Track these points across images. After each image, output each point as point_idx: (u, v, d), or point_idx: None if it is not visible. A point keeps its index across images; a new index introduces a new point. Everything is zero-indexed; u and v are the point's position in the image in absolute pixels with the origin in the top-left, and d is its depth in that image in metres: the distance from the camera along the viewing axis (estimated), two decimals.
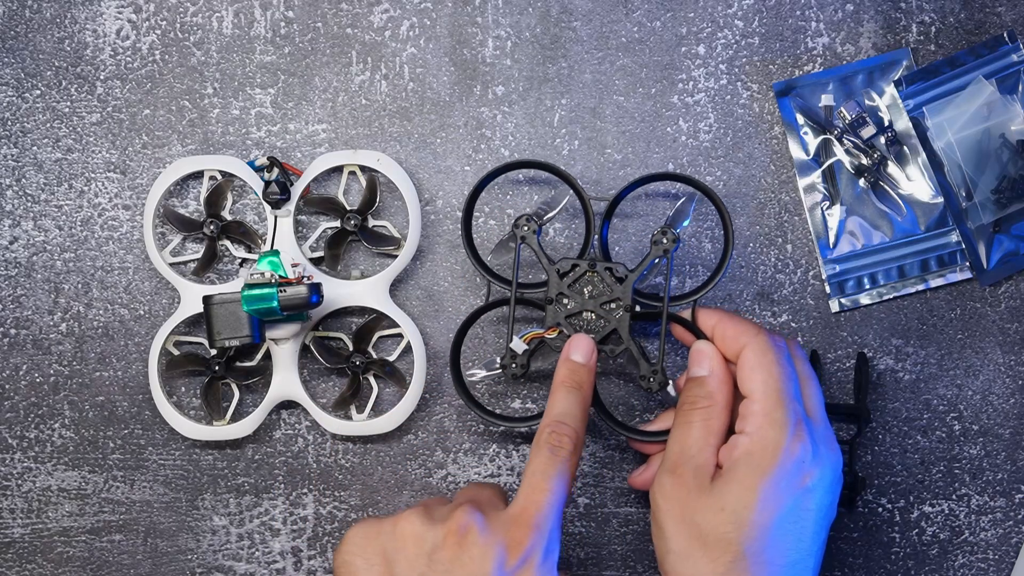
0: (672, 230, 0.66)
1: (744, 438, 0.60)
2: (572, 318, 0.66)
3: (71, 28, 0.73)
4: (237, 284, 0.70)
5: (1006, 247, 0.72)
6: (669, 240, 0.66)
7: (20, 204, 0.73)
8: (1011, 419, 0.72)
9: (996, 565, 0.73)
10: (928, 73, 0.72)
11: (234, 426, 0.71)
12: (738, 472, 0.60)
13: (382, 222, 0.72)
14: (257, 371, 0.72)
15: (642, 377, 0.66)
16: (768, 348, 0.62)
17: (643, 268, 0.66)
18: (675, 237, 0.66)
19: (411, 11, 0.72)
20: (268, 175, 0.70)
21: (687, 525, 0.60)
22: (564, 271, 0.66)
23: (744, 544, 0.58)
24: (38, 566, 0.73)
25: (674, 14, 0.73)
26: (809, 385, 0.63)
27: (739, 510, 0.59)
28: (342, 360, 0.71)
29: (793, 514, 0.59)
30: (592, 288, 0.66)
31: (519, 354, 0.67)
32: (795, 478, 0.60)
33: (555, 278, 0.66)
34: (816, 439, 0.61)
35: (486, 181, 0.68)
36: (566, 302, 0.66)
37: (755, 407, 0.61)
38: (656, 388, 0.66)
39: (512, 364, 0.67)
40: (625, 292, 0.66)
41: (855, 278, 0.72)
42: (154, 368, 0.71)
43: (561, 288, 0.66)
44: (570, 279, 0.66)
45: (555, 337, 0.66)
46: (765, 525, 0.59)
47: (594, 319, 0.66)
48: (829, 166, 0.72)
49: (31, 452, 0.73)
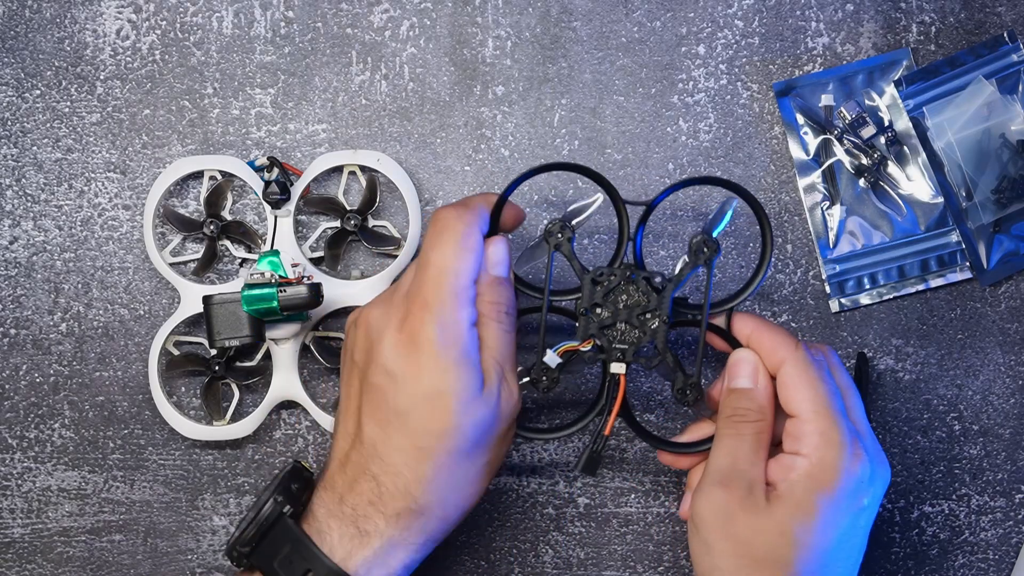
0: (712, 238, 0.63)
1: (802, 460, 0.59)
2: (606, 329, 0.63)
3: (71, 28, 0.73)
4: (237, 284, 0.70)
5: (1006, 247, 0.72)
6: (711, 249, 0.63)
7: (20, 204, 0.73)
8: (1011, 419, 0.72)
9: (996, 565, 0.73)
10: (928, 73, 0.72)
11: (234, 426, 0.71)
12: (797, 493, 0.58)
13: (382, 222, 0.72)
14: (257, 371, 0.72)
15: (679, 390, 0.63)
16: (809, 364, 0.61)
17: (683, 278, 0.63)
18: (716, 246, 0.63)
19: (411, 11, 0.72)
20: (268, 175, 0.70)
21: (738, 543, 0.58)
22: (598, 280, 0.63)
23: (800, 566, 0.57)
24: (38, 566, 0.73)
25: (674, 14, 0.73)
26: (851, 396, 0.62)
27: (799, 533, 0.57)
28: None
29: (850, 533, 0.59)
30: (627, 298, 0.63)
31: (552, 368, 0.63)
32: (854, 499, 0.59)
33: (589, 287, 0.63)
34: (871, 456, 0.60)
35: (517, 183, 0.63)
36: (600, 312, 0.63)
37: (808, 427, 0.59)
38: (692, 401, 0.63)
39: (543, 378, 0.63)
40: (663, 303, 0.62)
41: (855, 278, 0.72)
42: (154, 368, 0.71)
43: (596, 298, 0.63)
44: (604, 289, 0.63)
45: (589, 349, 0.63)
46: (824, 547, 0.58)
47: (628, 330, 0.63)
48: (829, 166, 0.72)
49: (31, 452, 0.73)
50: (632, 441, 0.73)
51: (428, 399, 0.58)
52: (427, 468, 0.58)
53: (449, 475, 0.59)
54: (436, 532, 0.60)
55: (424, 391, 0.58)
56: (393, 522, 0.59)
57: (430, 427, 0.58)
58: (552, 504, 0.73)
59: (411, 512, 0.59)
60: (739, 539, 0.58)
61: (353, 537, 0.59)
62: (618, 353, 0.63)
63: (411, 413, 0.58)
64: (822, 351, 0.63)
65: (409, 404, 0.58)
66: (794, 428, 0.60)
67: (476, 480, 0.60)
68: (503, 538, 0.73)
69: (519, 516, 0.73)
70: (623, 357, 0.63)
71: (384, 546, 0.59)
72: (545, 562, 0.73)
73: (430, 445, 0.58)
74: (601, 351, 0.63)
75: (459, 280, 0.59)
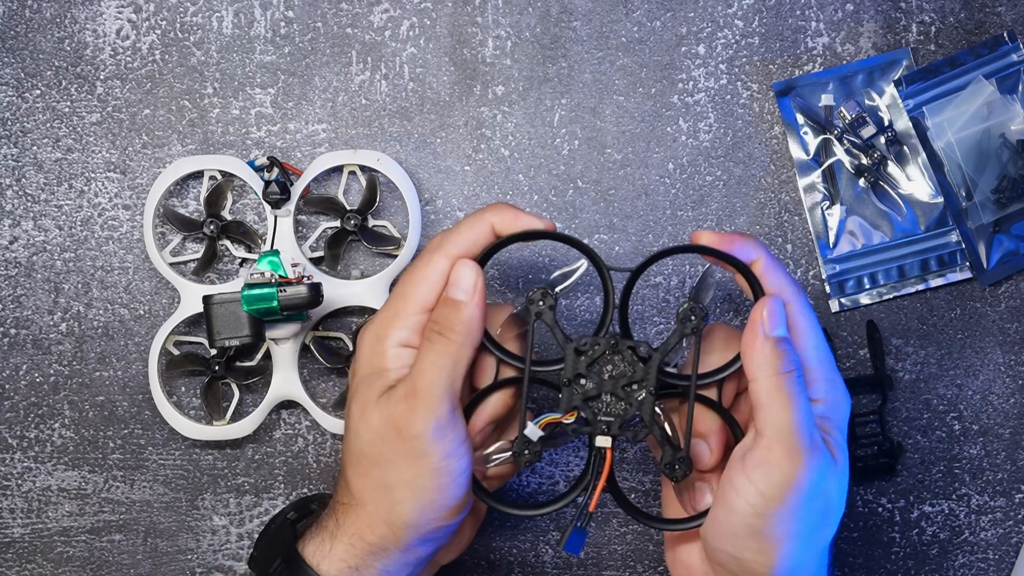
0: (700, 306, 0.59)
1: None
2: (590, 401, 0.59)
3: (71, 28, 0.73)
4: (237, 284, 0.70)
5: (1006, 247, 0.72)
6: (698, 318, 0.59)
7: (20, 204, 0.73)
8: (1011, 419, 0.72)
9: (996, 565, 0.73)
10: (928, 73, 0.72)
11: (234, 426, 0.71)
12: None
13: (382, 222, 0.72)
14: (257, 371, 0.72)
15: (667, 465, 0.60)
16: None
17: (669, 348, 0.59)
18: (704, 313, 0.59)
19: (411, 11, 0.73)
20: (268, 175, 0.70)
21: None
22: (582, 350, 0.59)
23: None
24: (38, 566, 0.73)
25: (674, 14, 0.73)
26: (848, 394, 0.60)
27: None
28: (342, 360, 0.71)
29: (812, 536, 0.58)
30: (612, 368, 0.59)
31: (533, 441, 0.60)
32: (815, 504, 0.57)
33: (572, 357, 0.59)
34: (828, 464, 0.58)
35: (490, 253, 0.60)
36: (584, 383, 0.59)
37: (769, 451, 0.57)
38: (681, 476, 0.60)
39: (525, 452, 0.60)
40: (649, 374, 0.59)
41: (855, 278, 0.72)
42: (154, 368, 0.71)
43: (579, 368, 0.59)
44: (589, 358, 0.59)
45: (573, 422, 0.60)
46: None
47: (614, 401, 0.59)
48: (829, 166, 0.72)
49: (31, 452, 0.73)
50: (632, 441, 0.72)
51: (360, 392, 0.60)
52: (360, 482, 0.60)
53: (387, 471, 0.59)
54: (411, 556, 0.60)
55: (356, 380, 0.60)
56: (373, 551, 0.60)
57: (360, 410, 0.59)
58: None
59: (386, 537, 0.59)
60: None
61: (344, 565, 0.60)
62: (603, 426, 0.60)
63: (354, 397, 0.60)
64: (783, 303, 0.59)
65: (353, 391, 0.60)
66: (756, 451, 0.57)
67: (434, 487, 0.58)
68: (503, 538, 0.73)
69: (519, 516, 0.73)
70: (608, 430, 0.60)
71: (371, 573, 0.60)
72: (545, 562, 0.73)
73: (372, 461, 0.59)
74: (586, 423, 0.60)
75: (404, 304, 0.59)
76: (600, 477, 0.60)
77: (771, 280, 0.59)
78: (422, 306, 0.59)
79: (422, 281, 0.59)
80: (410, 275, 0.60)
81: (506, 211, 0.60)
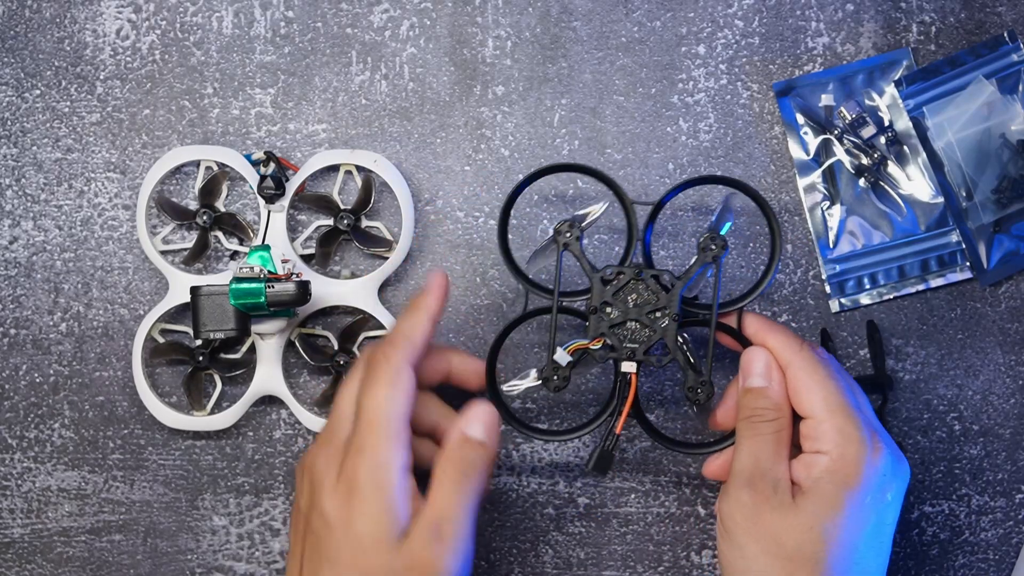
0: (720, 235, 0.63)
1: (823, 457, 0.59)
2: (616, 328, 0.63)
3: (71, 28, 0.73)
4: (226, 277, 0.70)
5: (1006, 247, 0.72)
6: (719, 246, 0.63)
7: (20, 204, 0.73)
8: (1011, 419, 0.72)
9: (996, 565, 0.73)
10: (928, 73, 0.72)
11: (214, 417, 0.71)
12: (822, 490, 0.58)
13: (375, 223, 0.72)
14: (241, 364, 0.72)
15: (690, 389, 0.63)
16: (816, 362, 0.61)
17: (691, 275, 0.63)
18: (724, 243, 0.63)
19: (411, 11, 0.72)
20: (264, 169, 0.70)
21: (769, 542, 0.58)
22: (608, 279, 0.63)
23: (833, 563, 0.58)
24: (38, 566, 0.73)
25: (674, 14, 0.73)
26: (859, 394, 0.62)
27: (828, 529, 0.58)
28: (327, 358, 0.71)
29: (877, 529, 0.59)
30: (637, 296, 0.63)
31: (562, 366, 0.63)
32: (879, 493, 0.59)
33: (599, 287, 0.63)
34: (891, 451, 0.60)
35: (523, 186, 0.64)
36: (610, 311, 0.63)
37: (824, 425, 0.59)
38: (704, 400, 0.63)
39: (554, 377, 0.63)
40: (672, 301, 0.63)
41: (855, 278, 0.72)
42: (138, 355, 0.71)
43: (605, 297, 0.63)
44: (614, 287, 0.63)
45: (599, 348, 0.63)
46: (854, 543, 0.58)
47: (638, 328, 0.63)
48: (829, 166, 0.72)
49: (31, 452, 0.73)
50: (632, 441, 0.73)
51: (352, 543, 0.57)
52: None
53: None
54: None
55: (351, 535, 0.57)
56: None
57: (351, 572, 0.57)
58: (552, 504, 0.73)
59: None
60: (770, 538, 0.59)
61: None
62: (628, 352, 0.63)
63: (340, 558, 0.57)
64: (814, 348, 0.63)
65: (338, 549, 0.57)
66: (810, 428, 0.60)
67: None
68: (503, 538, 0.73)
69: (519, 516, 0.73)
70: (634, 356, 0.63)
71: None
72: (545, 562, 0.73)
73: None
74: (612, 350, 0.63)
75: (391, 424, 0.58)
76: (626, 402, 0.63)
77: (765, 337, 0.63)
78: (405, 424, 0.59)
79: (396, 397, 0.59)
80: (377, 394, 0.59)
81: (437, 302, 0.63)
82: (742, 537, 0.59)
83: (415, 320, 0.62)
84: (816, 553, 0.58)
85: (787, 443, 0.61)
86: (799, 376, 0.61)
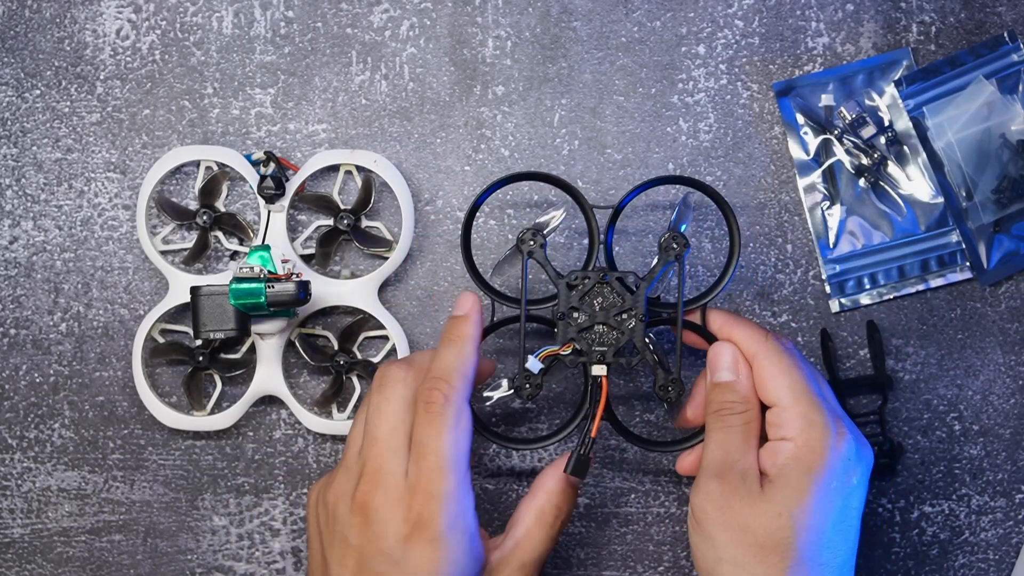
0: (680, 234, 0.64)
1: (788, 444, 0.60)
2: (584, 332, 0.64)
3: (71, 28, 0.73)
4: (226, 277, 0.70)
5: (1006, 247, 0.72)
6: (680, 245, 0.64)
7: (20, 204, 0.73)
8: (1011, 419, 0.72)
9: (996, 565, 0.73)
10: (928, 73, 0.72)
11: (214, 417, 0.71)
12: (788, 477, 0.59)
13: (375, 223, 0.72)
14: (241, 364, 0.72)
15: (660, 387, 0.64)
16: (781, 352, 0.62)
17: (655, 276, 0.64)
18: (685, 241, 0.64)
19: (411, 11, 0.72)
20: (264, 169, 0.70)
21: (739, 531, 0.59)
22: (573, 284, 0.64)
23: (802, 548, 0.58)
24: (38, 566, 0.73)
25: (674, 14, 0.73)
26: (823, 383, 0.64)
27: (796, 515, 0.58)
28: (327, 358, 0.71)
29: (843, 512, 0.60)
30: (603, 300, 0.64)
31: (534, 374, 0.64)
32: (844, 477, 0.60)
33: (564, 292, 0.64)
34: (854, 436, 0.61)
35: (482, 198, 0.66)
36: (577, 316, 0.64)
37: (789, 413, 0.60)
38: (674, 397, 0.64)
39: (527, 385, 0.64)
40: (637, 302, 0.64)
41: (855, 278, 0.72)
42: (138, 355, 0.71)
43: (572, 302, 0.64)
44: (580, 292, 0.64)
45: (569, 353, 0.64)
46: (822, 527, 0.59)
47: (606, 331, 0.64)
48: (829, 166, 0.72)
49: (31, 452, 0.73)
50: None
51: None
52: None
53: None
54: None
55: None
56: None
57: None
58: None
59: None
60: (740, 527, 0.59)
61: None
62: (598, 355, 0.64)
63: None
64: (779, 339, 0.64)
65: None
66: (776, 416, 0.61)
67: None
68: None
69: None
70: (603, 359, 0.64)
71: None
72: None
73: None
74: (581, 354, 0.64)
75: (460, 467, 0.60)
76: (598, 405, 0.64)
77: (731, 331, 0.64)
78: (468, 464, 0.61)
79: (460, 440, 0.61)
80: (443, 440, 0.60)
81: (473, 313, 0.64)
82: (712, 528, 0.60)
83: (463, 353, 0.62)
84: (785, 539, 0.58)
85: (756, 434, 0.62)
86: (764, 366, 0.62)
